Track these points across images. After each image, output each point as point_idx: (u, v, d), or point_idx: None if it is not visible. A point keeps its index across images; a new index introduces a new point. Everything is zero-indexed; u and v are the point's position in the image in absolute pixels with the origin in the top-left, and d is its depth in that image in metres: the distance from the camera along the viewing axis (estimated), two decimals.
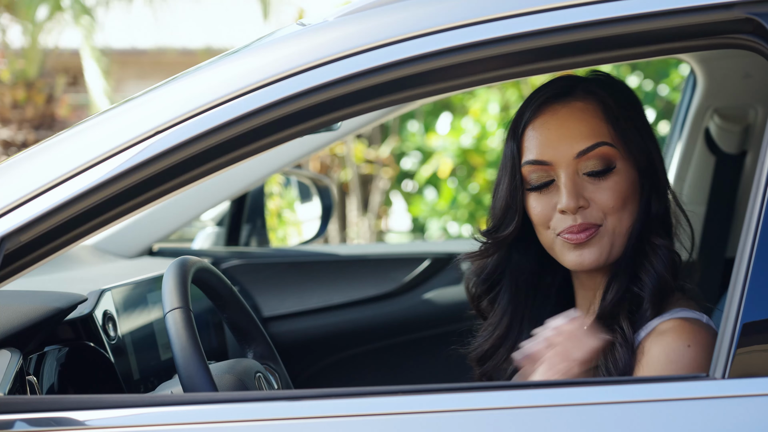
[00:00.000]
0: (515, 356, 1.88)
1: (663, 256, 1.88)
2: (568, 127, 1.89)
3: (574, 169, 1.89)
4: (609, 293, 1.89)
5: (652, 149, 1.93)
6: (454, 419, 1.61)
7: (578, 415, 1.59)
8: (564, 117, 1.90)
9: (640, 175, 1.91)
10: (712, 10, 1.65)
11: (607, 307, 1.87)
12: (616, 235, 1.89)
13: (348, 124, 3.32)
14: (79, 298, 1.99)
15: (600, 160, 1.88)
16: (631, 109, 1.93)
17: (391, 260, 3.59)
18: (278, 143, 1.74)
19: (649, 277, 1.87)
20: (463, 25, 1.68)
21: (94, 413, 1.64)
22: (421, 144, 9.10)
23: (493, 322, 2.02)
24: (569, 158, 1.89)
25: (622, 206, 1.89)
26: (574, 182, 1.89)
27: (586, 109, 1.90)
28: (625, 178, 1.89)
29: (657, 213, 1.91)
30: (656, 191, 1.92)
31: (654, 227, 1.90)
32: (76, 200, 1.69)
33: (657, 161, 1.93)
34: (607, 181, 1.89)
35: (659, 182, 1.92)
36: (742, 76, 3.36)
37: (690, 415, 1.57)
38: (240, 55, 1.80)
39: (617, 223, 1.89)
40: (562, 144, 1.89)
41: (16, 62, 10.73)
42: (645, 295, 1.86)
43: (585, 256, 1.89)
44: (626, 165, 1.90)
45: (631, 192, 1.90)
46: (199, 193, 3.40)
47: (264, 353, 2.20)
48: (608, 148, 1.88)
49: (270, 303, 3.39)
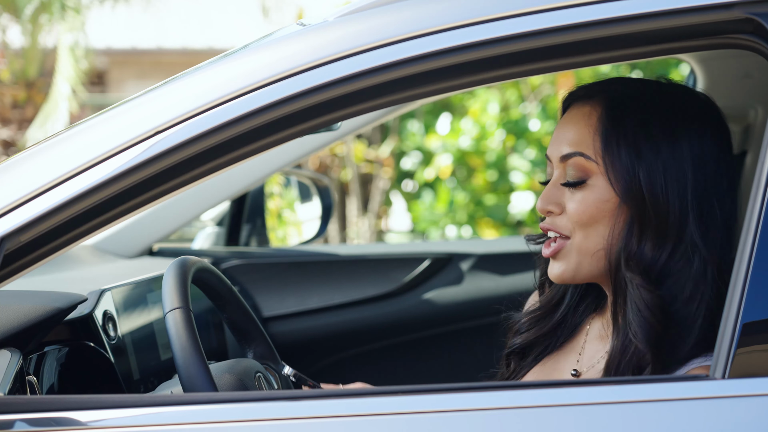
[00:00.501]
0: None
1: (637, 292, 1.76)
2: (565, 129, 1.88)
3: (561, 173, 1.87)
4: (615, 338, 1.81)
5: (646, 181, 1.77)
6: (454, 419, 1.61)
7: (578, 415, 1.59)
8: (568, 118, 1.89)
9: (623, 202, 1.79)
10: (712, 10, 1.65)
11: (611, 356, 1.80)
12: (582, 253, 1.84)
13: (348, 124, 3.32)
14: (79, 298, 1.99)
15: (576, 170, 1.84)
16: (640, 128, 1.80)
17: (391, 260, 3.59)
18: (278, 143, 1.74)
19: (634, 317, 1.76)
20: (463, 25, 1.68)
21: (94, 413, 1.64)
22: (421, 144, 9.09)
23: (544, 299, 2.02)
24: (557, 161, 1.88)
25: (588, 223, 1.82)
26: (555, 187, 1.87)
27: (588, 115, 1.85)
28: (597, 195, 1.82)
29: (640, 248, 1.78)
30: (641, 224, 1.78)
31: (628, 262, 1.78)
32: (76, 200, 1.69)
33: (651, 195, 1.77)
34: (579, 192, 1.84)
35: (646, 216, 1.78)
36: (742, 76, 3.36)
37: (690, 415, 1.57)
38: (240, 55, 1.80)
39: (582, 240, 1.83)
40: (554, 145, 1.89)
41: (16, 62, 10.73)
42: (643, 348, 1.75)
43: (552, 268, 1.88)
44: (604, 183, 1.81)
45: (600, 213, 1.81)
46: (199, 193, 3.40)
47: (264, 353, 2.20)
48: (583, 160, 1.83)
49: (270, 303, 3.39)
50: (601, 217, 1.82)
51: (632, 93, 1.85)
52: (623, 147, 1.80)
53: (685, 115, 1.82)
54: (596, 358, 1.93)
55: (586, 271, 1.86)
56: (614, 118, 1.82)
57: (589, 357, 1.95)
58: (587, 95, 1.88)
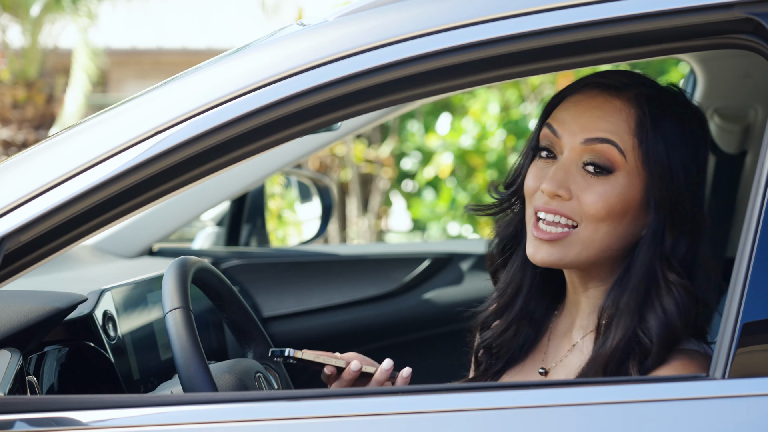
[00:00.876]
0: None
1: (677, 294, 1.78)
2: (592, 115, 1.83)
3: (576, 156, 1.83)
4: (614, 334, 1.80)
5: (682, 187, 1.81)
6: (454, 419, 1.61)
7: (578, 415, 1.59)
8: (596, 105, 1.84)
9: (649, 201, 1.81)
10: (712, 10, 1.65)
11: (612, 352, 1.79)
12: (586, 246, 1.82)
13: (348, 124, 3.32)
14: (79, 298, 1.99)
15: (602, 157, 1.81)
16: (677, 138, 1.82)
17: (391, 260, 3.59)
18: (278, 143, 1.74)
19: (657, 318, 1.77)
20: (463, 25, 1.68)
21: (94, 413, 1.64)
22: (421, 144, 9.09)
23: (500, 288, 1.98)
24: (576, 142, 1.83)
25: (604, 217, 1.80)
26: (567, 170, 1.83)
27: (621, 111, 1.83)
28: (620, 191, 1.81)
29: (674, 249, 1.80)
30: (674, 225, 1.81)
31: (670, 263, 1.80)
32: (76, 200, 1.69)
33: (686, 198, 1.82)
34: (599, 184, 1.81)
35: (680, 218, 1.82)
36: (742, 76, 3.36)
37: (690, 415, 1.57)
38: (240, 55, 1.80)
39: (591, 232, 1.81)
40: (577, 125, 1.83)
41: (16, 62, 10.73)
42: (653, 346, 1.76)
43: (540, 252, 1.83)
44: (630, 181, 1.81)
45: (623, 210, 1.81)
46: (199, 193, 3.40)
47: (264, 353, 2.20)
48: (615, 152, 1.81)
49: (270, 303, 3.39)
50: (618, 214, 1.81)
51: (661, 96, 1.86)
52: (663, 152, 1.81)
53: (700, 127, 1.87)
54: (561, 354, 1.92)
55: (582, 261, 1.84)
56: (655, 121, 1.82)
57: (554, 353, 1.94)
58: (615, 87, 1.85)
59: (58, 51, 11.82)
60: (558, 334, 1.96)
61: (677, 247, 1.81)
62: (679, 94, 1.88)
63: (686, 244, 1.82)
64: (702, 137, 1.87)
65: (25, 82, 10.69)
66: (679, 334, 1.78)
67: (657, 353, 1.77)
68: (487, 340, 1.99)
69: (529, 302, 1.96)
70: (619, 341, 1.79)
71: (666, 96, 1.87)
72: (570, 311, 1.94)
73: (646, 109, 1.82)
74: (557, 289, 1.98)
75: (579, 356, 1.89)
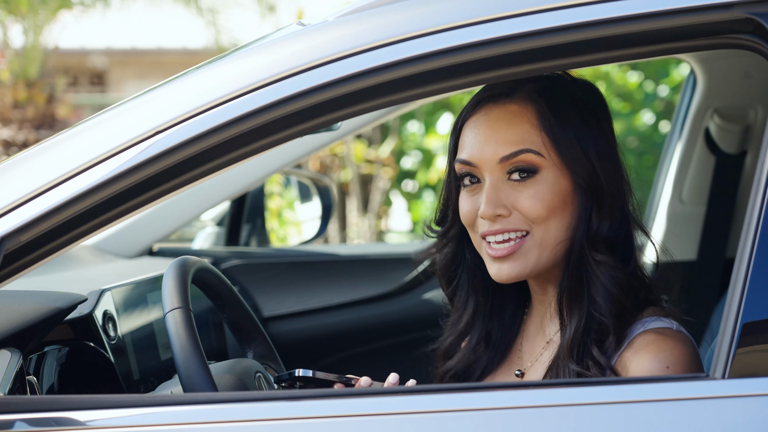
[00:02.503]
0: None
1: (606, 271, 1.83)
2: (496, 130, 1.86)
3: (498, 174, 1.86)
4: (570, 321, 1.84)
5: (598, 163, 1.85)
6: (454, 419, 1.61)
7: (578, 415, 1.59)
8: (495, 119, 1.87)
9: (576, 186, 1.85)
10: (712, 10, 1.65)
11: (571, 338, 1.83)
12: (543, 247, 1.85)
13: (348, 124, 3.32)
14: (79, 298, 1.99)
15: (522, 164, 1.84)
16: (579, 117, 1.86)
17: (391, 260, 3.59)
18: (278, 143, 1.74)
19: (601, 296, 1.82)
20: (463, 25, 1.68)
21: (94, 413, 1.64)
22: (421, 144, 9.09)
23: (455, 318, 2.01)
24: (493, 163, 1.85)
25: (547, 216, 1.84)
26: (495, 189, 1.85)
27: (520, 113, 1.85)
28: (551, 187, 1.84)
29: (599, 229, 1.84)
30: (598, 205, 1.85)
31: (595, 244, 1.84)
32: (76, 200, 1.69)
33: (604, 175, 1.85)
34: (529, 188, 1.84)
35: (603, 196, 1.85)
36: (742, 76, 3.36)
37: (690, 415, 1.57)
38: (240, 55, 1.80)
39: (544, 233, 1.84)
40: (488, 147, 1.86)
41: (17, 62, 10.72)
42: (608, 321, 1.81)
43: (504, 270, 1.86)
44: (555, 174, 1.84)
45: (559, 202, 1.84)
46: (199, 193, 3.40)
47: (264, 353, 2.20)
48: (533, 156, 1.84)
49: (270, 303, 3.39)
50: (559, 208, 1.84)
51: (551, 84, 1.89)
52: (573, 137, 1.85)
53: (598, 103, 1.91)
54: (537, 353, 1.94)
55: (543, 263, 1.86)
56: (555, 111, 1.85)
57: (529, 353, 1.96)
58: (505, 94, 1.88)
59: (59, 51, 11.82)
60: (530, 334, 1.98)
61: (601, 227, 1.84)
62: (564, 75, 1.91)
63: (612, 219, 1.85)
64: (602, 110, 1.91)
65: (25, 82, 10.69)
66: (626, 305, 1.82)
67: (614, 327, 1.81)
68: (453, 369, 2.01)
69: (487, 322, 1.98)
70: (577, 324, 1.83)
71: (555, 83, 1.90)
72: (538, 311, 1.96)
73: (541, 101, 1.85)
74: (519, 294, 2.00)
75: (551, 352, 1.91)
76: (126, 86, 16.08)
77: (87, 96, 15.57)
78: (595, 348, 1.81)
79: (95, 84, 16.90)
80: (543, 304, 1.95)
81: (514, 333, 2.00)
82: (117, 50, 15.97)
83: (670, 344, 1.79)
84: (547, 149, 1.84)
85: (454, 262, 1.99)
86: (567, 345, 1.83)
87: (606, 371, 1.80)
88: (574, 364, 1.81)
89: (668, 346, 1.79)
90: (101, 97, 15.63)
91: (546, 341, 1.94)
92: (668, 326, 1.83)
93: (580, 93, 1.90)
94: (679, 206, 3.46)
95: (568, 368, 1.82)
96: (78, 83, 16.57)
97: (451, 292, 2.02)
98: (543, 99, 1.86)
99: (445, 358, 2.03)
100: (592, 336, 1.82)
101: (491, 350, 1.99)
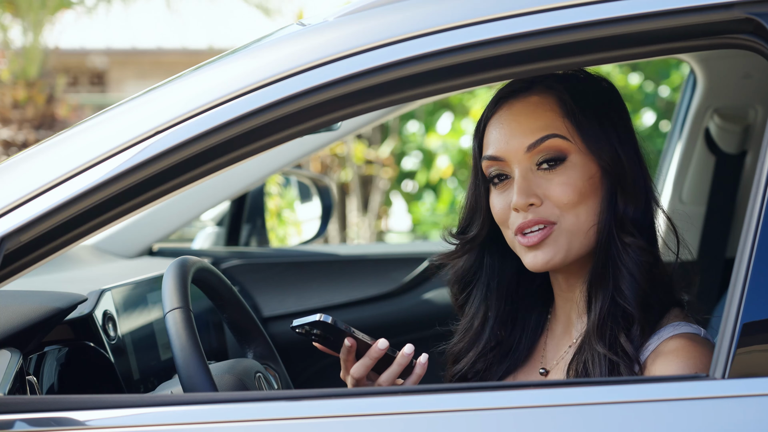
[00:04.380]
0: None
1: (634, 254, 1.84)
2: (521, 122, 1.88)
3: (527, 164, 1.87)
4: (594, 305, 1.85)
5: (620, 148, 1.87)
6: (454, 419, 1.61)
7: (578, 415, 1.59)
8: (518, 112, 1.89)
9: (602, 171, 1.87)
10: (712, 10, 1.65)
11: (597, 321, 1.84)
12: (574, 234, 1.86)
13: (348, 124, 3.32)
14: (79, 298, 1.99)
15: (551, 152, 1.85)
16: (598, 104, 1.89)
17: (391, 260, 3.59)
18: (278, 143, 1.74)
19: (626, 283, 1.83)
20: (463, 25, 1.68)
21: (94, 413, 1.64)
22: (421, 144, 9.09)
23: (465, 323, 2.01)
24: (521, 153, 1.87)
25: (578, 202, 1.85)
26: (526, 179, 1.86)
27: (542, 103, 1.88)
28: (580, 172, 1.86)
29: (625, 212, 1.86)
30: (623, 189, 1.86)
31: (624, 226, 1.85)
32: (76, 200, 1.69)
33: (627, 160, 1.87)
34: (560, 175, 1.85)
35: (626, 181, 1.87)
36: (742, 76, 3.36)
37: (690, 415, 1.57)
38: (240, 55, 1.80)
39: (575, 219, 1.85)
40: (514, 139, 1.87)
41: (17, 62, 10.72)
42: (632, 310, 1.82)
43: (538, 257, 1.86)
44: (583, 159, 1.86)
45: (589, 187, 1.86)
46: (199, 193, 3.40)
47: (264, 353, 2.20)
48: (559, 141, 1.85)
49: (270, 303, 3.39)
50: (589, 193, 1.85)
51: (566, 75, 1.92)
52: (595, 122, 1.87)
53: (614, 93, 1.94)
54: (561, 352, 1.94)
55: (575, 251, 1.87)
56: (576, 98, 1.87)
57: (554, 353, 1.96)
58: (525, 88, 1.90)
59: (59, 51, 11.82)
60: (556, 334, 1.97)
61: (627, 209, 1.86)
62: (579, 71, 1.93)
63: (636, 204, 1.87)
64: (618, 100, 1.93)
65: (25, 82, 10.68)
66: (652, 301, 1.83)
67: (639, 316, 1.81)
68: (460, 372, 2.00)
69: (497, 331, 1.98)
70: (601, 309, 1.83)
71: (569, 74, 1.92)
72: (564, 309, 1.96)
73: (561, 88, 1.88)
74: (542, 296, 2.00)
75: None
76: (126, 86, 16.08)
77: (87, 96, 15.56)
78: (622, 334, 1.81)
79: (95, 84, 16.89)
80: (568, 302, 1.94)
81: (538, 334, 2.00)
82: (117, 50, 15.97)
83: (699, 351, 1.79)
84: (571, 134, 1.86)
85: (471, 268, 1.99)
86: (594, 327, 1.83)
87: (634, 363, 1.80)
88: (602, 346, 1.81)
89: (697, 353, 1.79)
90: (101, 97, 15.63)
91: (571, 342, 1.93)
92: (697, 333, 1.84)
93: (597, 84, 1.93)
94: (679, 206, 3.46)
95: (596, 352, 1.82)
96: (78, 83, 16.57)
97: (463, 300, 2.01)
98: (563, 87, 1.88)
99: (455, 363, 2.03)
100: (619, 321, 1.82)
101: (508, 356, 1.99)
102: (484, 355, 1.99)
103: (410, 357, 1.90)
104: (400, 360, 1.89)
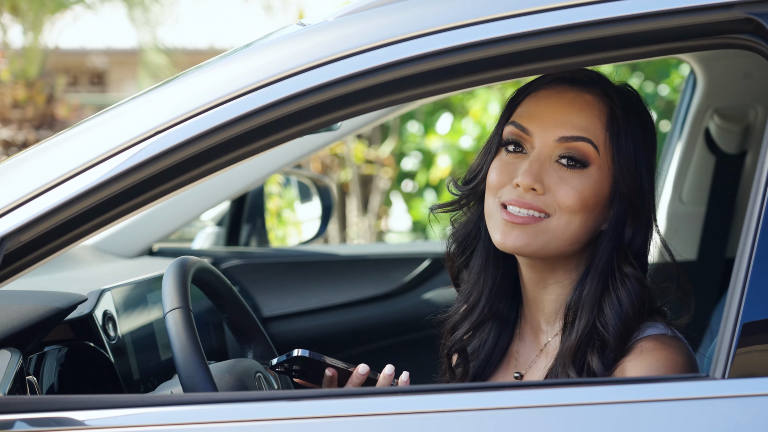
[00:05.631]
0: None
1: (630, 286, 1.82)
2: (566, 111, 1.85)
3: (549, 152, 1.84)
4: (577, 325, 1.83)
5: (646, 178, 1.85)
6: (454, 419, 1.61)
7: (578, 415, 1.59)
8: (568, 101, 1.85)
9: (615, 194, 1.84)
10: (712, 10, 1.65)
11: (574, 345, 1.82)
12: (557, 237, 1.83)
13: (348, 124, 3.32)
14: (79, 298, 1.99)
15: (577, 154, 1.83)
16: (640, 134, 1.86)
17: (391, 260, 3.59)
18: (278, 143, 1.74)
19: (614, 310, 1.81)
20: (463, 25, 1.68)
21: (94, 413, 1.64)
22: (421, 144, 9.09)
23: (464, 290, 1.98)
24: (550, 140, 1.84)
25: (577, 211, 1.82)
26: (541, 164, 1.84)
27: (593, 105, 1.85)
28: (593, 186, 1.83)
29: (631, 241, 1.84)
30: (634, 218, 1.84)
31: (626, 255, 1.84)
32: (76, 200, 1.69)
33: (648, 192, 1.86)
34: (573, 178, 1.83)
35: (640, 211, 1.85)
36: (742, 76, 3.36)
37: (690, 415, 1.57)
38: (240, 55, 1.80)
39: (566, 224, 1.83)
40: (551, 122, 1.84)
41: (17, 62, 10.72)
42: (609, 339, 1.80)
43: (512, 237, 1.83)
44: (602, 175, 1.84)
45: (593, 204, 1.83)
46: (199, 193, 3.40)
47: (264, 353, 2.20)
48: (591, 148, 1.83)
49: (270, 303, 3.39)
50: (591, 208, 1.84)
51: (626, 92, 1.89)
52: (631, 148, 1.85)
53: (651, 118, 1.92)
54: (531, 358, 1.93)
55: (548, 252, 1.84)
56: (626, 115, 1.85)
57: (525, 357, 1.95)
58: (584, 83, 1.87)
59: (59, 51, 11.82)
60: (524, 338, 1.97)
61: (634, 239, 1.85)
62: (635, 92, 1.91)
63: (642, 236, 1.86)
64: (653, 133, 1.91)
65: (25, 82, 10.68)
66: (632, 324, 1.82)
67: (615, 345, 1.80)
68: (457, 343, 1.98)
69: (495, 301, 1.96)
70: (581, 333, 1.82)
71: (628, 92, 1.90)
72: (532, 312, 1.94)
73: (617, 103, 1.85)
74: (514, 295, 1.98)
75: (546, 359, 1.90)
76: (126, 86, 16.07)
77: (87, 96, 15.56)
78: (595, 358, 1.80)
79: (95, 84, 16.90)
80: (537, 305, 1.92)
81: (514, 332, 1.99)
82: (117, 50, 15.97)
83: (664, 354, 1.79)
84: (604, 149, 1.84)
85: (471, 233, 1.96)
86: (569, 352, 1.82)
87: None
88: (573, 371, 1.80)
89: (662, 356, 1.78)
90: (101, 97, 15.63)
91: (540, 348, 1.93)
92: (664, 333, 1.82)
93: (643, 108, 1.90)
94: (679, 206, 3.46)
95: (567, 376, 1.81)
96: (78, 83, 16.57)
97: (463, 263, 1.98)
98: (619, 101, 1.86)
99: (452, 332, 2.00)
100: (594, 346, 1.81)
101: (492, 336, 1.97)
102: (481, 324, 1.96)
103: (391, 378, 1.90)
104: (381, 383, 1.90)
